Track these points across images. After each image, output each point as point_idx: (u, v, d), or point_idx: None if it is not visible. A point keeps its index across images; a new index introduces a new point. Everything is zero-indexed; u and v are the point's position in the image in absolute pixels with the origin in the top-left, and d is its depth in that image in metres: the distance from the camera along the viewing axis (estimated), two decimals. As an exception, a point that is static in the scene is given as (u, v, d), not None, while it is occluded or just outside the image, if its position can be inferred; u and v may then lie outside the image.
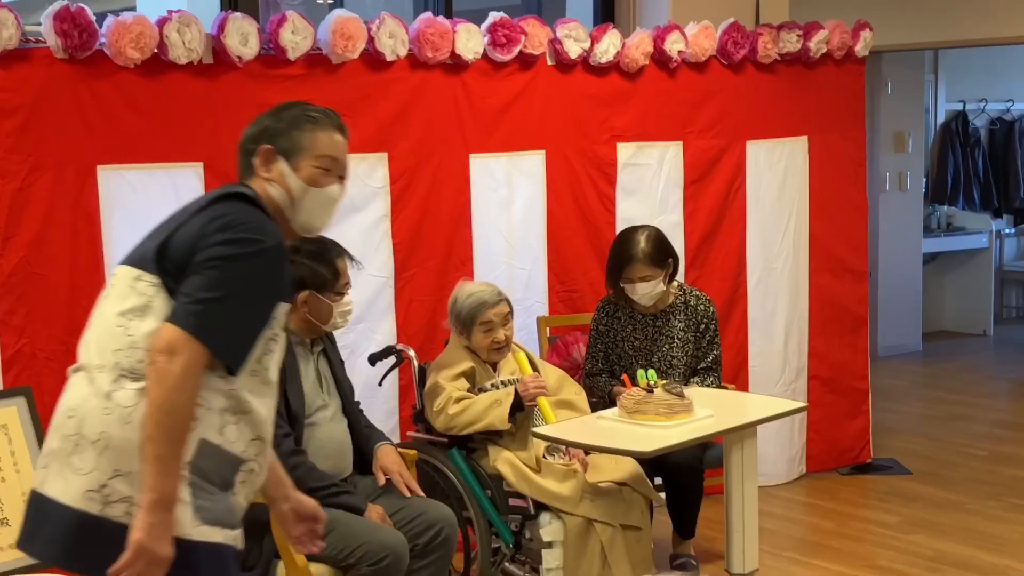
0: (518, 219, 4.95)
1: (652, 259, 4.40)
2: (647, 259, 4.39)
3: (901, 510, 5.29)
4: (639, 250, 4.39)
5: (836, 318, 5.76)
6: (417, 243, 4.68)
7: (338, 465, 3.65)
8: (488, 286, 4.16)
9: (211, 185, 4.20)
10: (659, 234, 4.50)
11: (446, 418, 3.97)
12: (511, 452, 3.98)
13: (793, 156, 5.58)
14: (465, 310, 4.07)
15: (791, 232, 5.59)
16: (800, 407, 4.27)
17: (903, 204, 8.68)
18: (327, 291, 3.59)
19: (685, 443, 3.63)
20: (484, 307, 4.06)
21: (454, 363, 4.08)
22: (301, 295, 3.55)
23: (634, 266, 4.40)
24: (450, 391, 3.99)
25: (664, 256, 4.44)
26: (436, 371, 4.09)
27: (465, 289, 4.14)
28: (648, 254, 4.39)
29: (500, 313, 4.09)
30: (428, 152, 4.68)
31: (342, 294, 3.63)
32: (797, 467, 5.73)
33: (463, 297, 4.10)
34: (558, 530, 3.85)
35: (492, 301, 4.08)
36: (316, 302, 3.58)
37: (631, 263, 4.40)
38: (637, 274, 4.39)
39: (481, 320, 4.06)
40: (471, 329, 4.08)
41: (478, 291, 4.11)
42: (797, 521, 5.24)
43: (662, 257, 4.43)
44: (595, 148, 5.10)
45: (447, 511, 3.66)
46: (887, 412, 6.87)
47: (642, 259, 4.39)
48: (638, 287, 4.41)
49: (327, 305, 3.59)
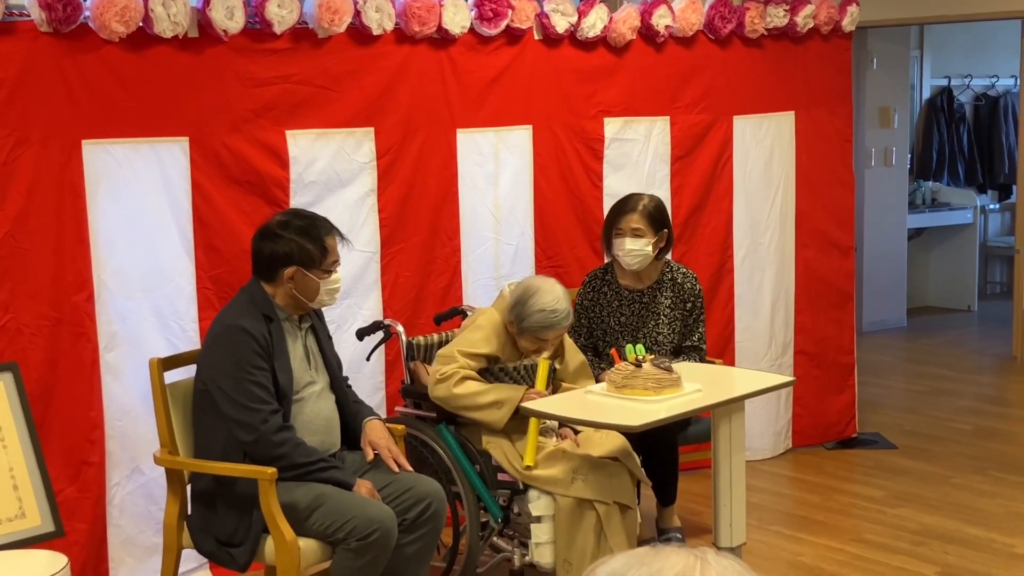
0: (505, 194, 4.95)
1: (650, 217, 4.44)
2: (645, 214, 4.43)
3: (886, 484, 5.33)
4: (640, 204, 4.45)
5: (822, 293, 5.78)
6: (403, 218, 4.67)
7: (326, 441, 3.66)
8: (563, 302, 3.99)
9: (197, 160, 4.20)
10: (662, 203, 4.56)
11: (446, 390, 3.94)
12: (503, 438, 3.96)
13: (780, 131, 5.58)
14: (532, 320, 3.96)
15: (778, 207, 5.60)
16: (788, 381, 4.29)
17: (888, 180, 8.70)
18: (314, 268, 3.57)
19: (673, 417, 3.64)
20: (549, 330, 3.99)
21: (482, 342, 4.01)
22: (287, 271, 3.54)
23: (630, 216, 4.43)
24: (462, 365, 3.95)
25: (662, 221, 4.48)
26: (462, 338, 4.03)
27: (542, 299, 3.96)
28: (648, 211, 4.44)
29: (560, 335, 4.07)
30: (415, 127, 4.67)
31: (330, 272, 3.61)
32: (783, 442, 5.76)
33: (536, 307, 3.95)
34: (547, 505, 3.86)
35: (559, 327, 4.00)
36: (303, 279, 3.57)
37: (628, 213, 4.44)
38: (631, 224, 4.42)
39: (540, 337, 4.01)
40: (525, 334, 4.01)
41: (554, 308, 3.95)
42: (783, 495, 5.27)
43: (660, 220, 4.47)
44: (582, 123, 5.09)
45: (436, 486, 3.67)
46: (872, 387, 6.90)
47: (640, 211, 4.43)
48: (627, 242, 4.42)
49: (314, 282, 3.58)
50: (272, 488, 3.38)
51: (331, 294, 3.65)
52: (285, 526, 3.38)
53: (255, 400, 3.43)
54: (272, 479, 3.37)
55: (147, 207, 4.15)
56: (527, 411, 3.80)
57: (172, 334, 4.20)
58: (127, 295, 4.12)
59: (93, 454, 4.04)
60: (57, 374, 3.96)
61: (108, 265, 4.07)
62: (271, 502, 3.37)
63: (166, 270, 4.20)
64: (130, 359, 4.08)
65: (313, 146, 4.43)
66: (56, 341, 3.96)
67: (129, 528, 4.13)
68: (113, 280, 4.08)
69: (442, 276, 4.80)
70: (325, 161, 4.46)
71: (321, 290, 3.60)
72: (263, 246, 3.58)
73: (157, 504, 4.03)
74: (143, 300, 4.15)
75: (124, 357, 4.09)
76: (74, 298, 3.99)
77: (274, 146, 4.34)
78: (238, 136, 4.27)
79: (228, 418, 3.46)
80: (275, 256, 3.55)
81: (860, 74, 8.11)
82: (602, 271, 4.65)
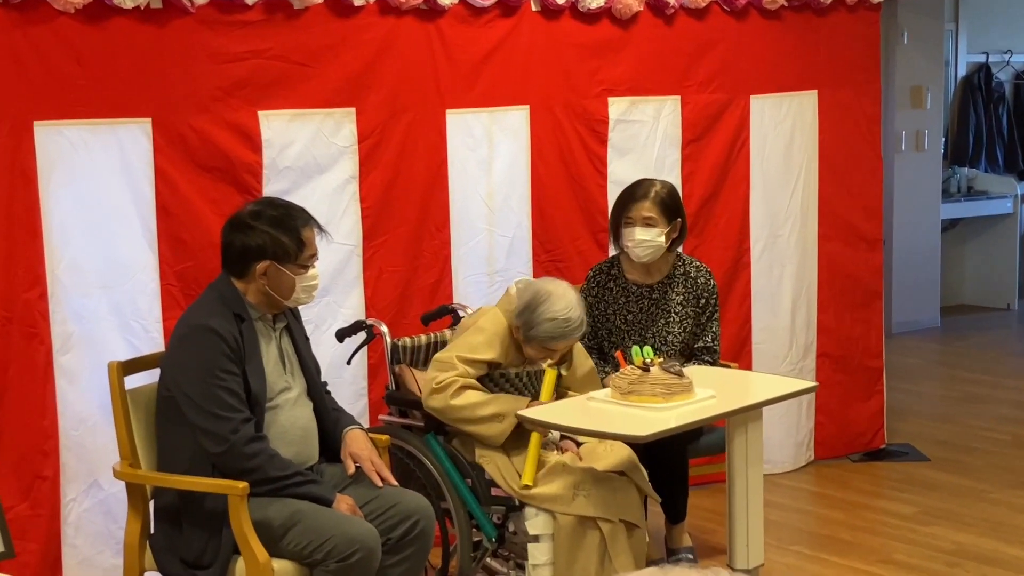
0: (499, 181, 4.94)
1: (663, 204, 4.44)
2: (658, 201, 4.44)
3: (918, 500, 5.32)
4: (652, 191, 4.46)
5: (848, 290, 5.78)
6: (388, 207, 4.66)
7: (303, 452, 3.66)
8: (579, 309, 3.98)
9: (160, 144, 4.19)
10: (676, 190, 4.56)
11: (442, 400, 3.93)
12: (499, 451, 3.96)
13: (801, 112, 5.57)
14: (542, 330, 3.95)
15: (799, 196, 5.60)
16: (810, 387, 4.30)
17: (920, 165, 8.69)
18: (290, 262, 3.56)
19: (684, 426, 3.64)
20: (559, 340, 3.99)
21: (484, 347, 4.00)
22: (260, 265, 3.53)
23: (641, 204, 4.44)
24: (461, 373, 3.93)
25: (675, 210, 4.49)
26: (461, 342, 4.02)
27: (553, 306, 3.95)
28: (661, 198, 4.45)
29: (571, 344, 4.07)
30: (400, 107, 4.66)
31: (307, 267, 3.61)
32: (805, 453, 5.75)
33: (546, 315, 3.94)
34: (546, 523, 3.86)
35: (571, 337, 4.00)
36: (277, 274, 3.56)
37: (639, 200, 4.44)
38: (642, 213, 4.42)
39: (549, 346, 4.01)
40: (533, 343, 4.01)
41: (567, 317, 3.94)
42: (805, 512, 5.27)
43: (673, 209, 4.48)
44: (584, 103, 5.08)
45: (423, 502, 3.66)
46: (903, 393, 6.90)
47: (652, 198, 4.44)
48: (637, 232, 4.42)
49: (289, 278, 3.57)
50: (243, 504, 3.37)
51: (308, 291, 3.65)
52: (258, 546, 3.37)
53: (225, 408, 3.42)
54: (243, 494, 3.37)
55: (106, 195, 4.13)
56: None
57: (133, 335, 4.19)
58: (84, 292, 4.11)
59: (46, 467, 4.03)
60: (7, 379, 3.95)
61: (63, 259, 4.06)
62: (242, 520, 3.37)
63: (127, 264, 4.19)
64: (87, 362, 4.07)
65: (288, 128, 4.42)
66: (5, 342, 3.95)
67: (86, 548, 4.12)
68: (68, 275, 4.07)
69: (430, 271, 4.79)
70: (301, 145, 4.45)
71: (297, 287, 3.59)
72: (233, 238, 3.58)
73: (117, 522, 4.02)
74: (101, 297, 4.14)
75: (80, 360, 4.08)
76: (25, 295, 3.98)
77: (245, 128, 4.33)
78: (206, 117, 4.25)
79: (195, 427, 3.45)
80: (246, 249, 3.54)
81: (889, 50, 8.11)
82: (607, 265, 4.65)
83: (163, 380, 3.58)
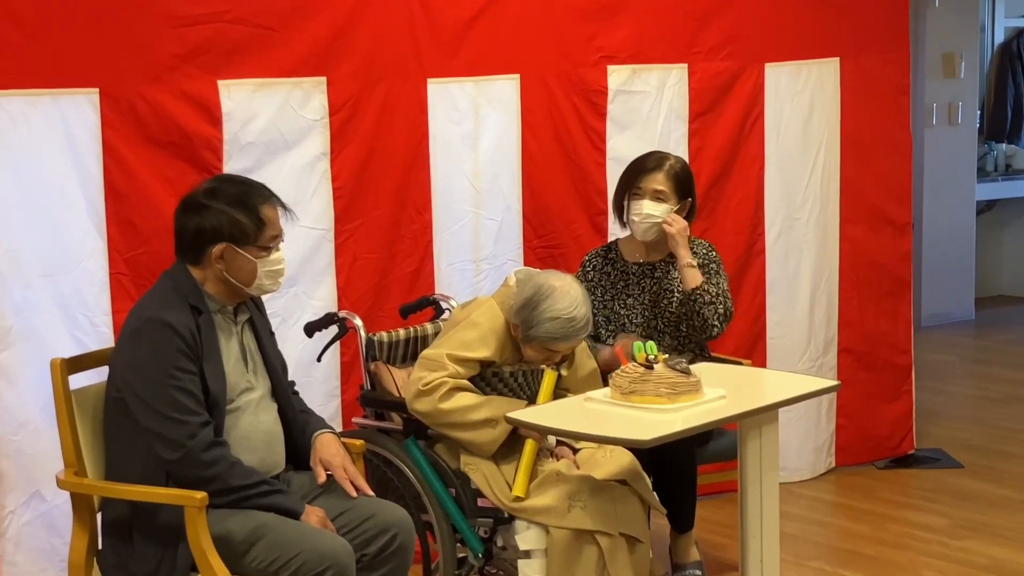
0: (487, 159, 4.95)
1: (677, 179, 4.51)
2: (672, 175, 4.50)
3: (950, 511, 5.34)
4: (667, 163, 4.52)
5: (873, 279, 5.80)
6: (363, 188, 4.67)
7: (268, 459, 3.65)
8: (582, 307, 3.96)
9: (109, 117, 4.18)
10: (689, 167, 4.62)
11: (430, 403, 3.92)
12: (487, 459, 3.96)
13: (821, 82, 5.59)
14: (543, 329, 3.94)
15: (818, 175, 5.62)
16: (830, 386, 4.28)
17: (953, 141, 8.71)
18: (248, 244, 3.55)
19: (692, 429, 3.63)
20: (563, 341, 3.98)
21: (478, 344, 3.99)
22: (216, 248, 3.52)
23: (654, 175, 4.49)
24: (451, 373, 3.93)
25: (687, 188, 4.55)
26: (452, 338, 4.02)
27: (556, 303, 3.92)
28: (676, 172, 4.51)
29: (575, 345, 4.07)
30: (376, 76, 4.66)
31: (269, 249, 3.60)
32: (825, 460, 5.78)
33: (548, 314, 3.92)
34: (538, 537, 3.86)
35: (575, 338, 3.99)
36: (235, 258, 3.54)
37: (652, 171, 4.50)
38: (653, 185, 4.47)
39: (551, 348, 4.01)
40: (532, 342, 4.00)
41: (571, 316, 3.92)
42: (825, 525, 5.29)
43: (686, 186, 4.54)
44: (581, 72, 5.09)
45: (402, 514, 3.66)
46: (933, 393, 6.93)
47: (666, 171, 4.50)
48: (646, 205, 4.46)
49: (249, 262, 3.56)
50: (202, 517, 3.36)
51: (272, 277, 3.63)
52: (218, 563, 3.37)
53: (180, 410, 3.41)
54: (202, 506, 3.36)
55: (48, 174, 4.13)
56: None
57: (79, 329, 4.19)
58: (24, 282, 4.11)
59: (-17, 476, 4.04)
60: (-62, 378, 3.97)
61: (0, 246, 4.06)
62: (200, 534, 3.36)
63: (72, 251, 4.19)
64: (28, 360, 4.07)
65: (252, 100, 4.42)
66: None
67: (27, 566, 4.12)
68: (6, 264, 4.07)
69: (410, 259, 4.80)
70: (266, 118, 4.46)
71: (259, 272, 3.58)
72: (186, 221, 3.57)
73: (61, 537, 4.02)
74: (43, 288, 4.14)
75: (20, 357, 4.08)
76: (-41, 285, 3.99)
77: (204, 99, 4.33)
78: (160, 87, 4.25)
79: (148, 432, 3.44)
80: (200, 232, 3.53)
81: (919, 13, 8.12)
82: (604, 249, 4.68)
83: (112, 379, 3.57)
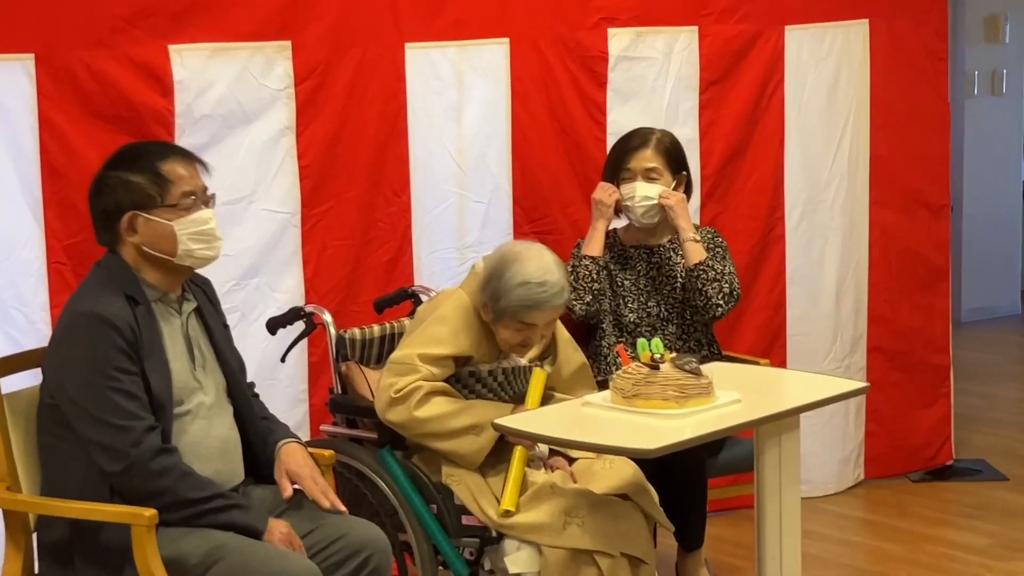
0: (472, 133, 4.95)
1: (667, 153, 4.57)
2: (661, 149, 4.56)
3: (993, 529, 5.34)
4: (652, 137, 4.58)
5: (906, 269, 5.79)
6: (333, 166, 4.67)
7: (223, 470, 3.62)
8: (553, 272, 3.96)
9: (46, 86, 4.18)
10: (677, 139, 4.66)
11: (404, 412, 3.91)
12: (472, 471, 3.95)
13: (849, 47, 5.58)
14: (513, 298, 3.93)
15: (845, 152, 5.61)
16: (860, 388, 4.28)
17: (996, 113, 8.72)
18: (155, 206, 3.47)
19: (702, 437, 3.61)
20: (535, 310, 3.95)
21: (449, 339, 3.99)
22: (123, 220, 3.46)
23: (641, 153, 4.56)
24: (425, 376, 3.92)
25: (680, 160, 4.61)
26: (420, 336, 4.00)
27: (521, 269, 3.93)
28: (665, 145, 4.57)
29: (551, 318, 4.04)
30: (347, 40, 4.66)
31: (188, 209, 3.50)
32: (852, 472, 5.78)
33: (516, 279, 3.93)
34: (530, 559, 3.85)
35: (549, 305, 3.97)
36: (147, 226, 3.47)
37: (638, 149, 4.56)
38: (643, 164, 4.54)
39: (523, 320, 3.98)
40: (503, 320, 3.98)
41: (542, 280, 3.92)
42: (852, 545, 5.29)
43: (677, 159, 4.60)
44: (578, 36, 5.08)
45: (376, 533, 3.64)
46: (974, 397, 6.95)
47: (654, 146, 4.56)
48: (639, 187, 4.52)
49: (164, 227, 3.47)
50: (151, 537, 3.34)
51: (201, 240, 3.53)
52: (168, 589, 3.35)
53: (122, 415, 3.38)
54: (151, 524, 3.33)
55: (-24, 151, 4.13)
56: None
57: (13, 326, 4.20)
58: (-50, 273, 4.10)
59: (-97, 491, 3.99)
60: None
61: (-77, 231, 4.06)
62: (149, 556, 3.33)
63: (4, 239, 4.19)
64: (-45, 360, 4.04)
65: (207, 67, 4.41)
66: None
67: (-46, 593, 4.09)
68: (-70, 252, 4.07)
69: (386, 246, 4.80)
70: (223, 87, 4.45)
71: (179, 236, 3.50)
72: (94, 204, 3.54)
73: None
74: (-28, 279, 4.13)
75: (-54, 358, 4.05)
76: None
77: (153, 66, 4.32)
78: (103, 52, 4.24)
79: (87, 441, 3.42)
80: (105, 211, 3.49)
81: (958, -29, 8.12)
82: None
83: (45, 385, 3.55)
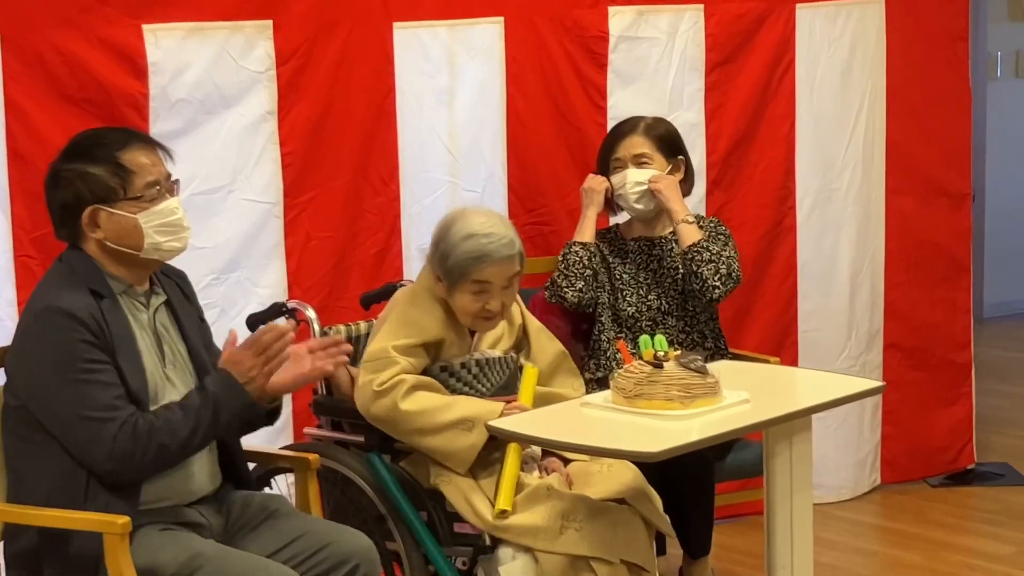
0: (465, 118, 4.96)
1: (658, 138, 4.58)
2: (651, 134, 4.59)
3: (1017, 536, 5.35)
4: (642, 123, 4.60)
5: (925, 262, 5.80)
6: (317, 153, 4.68)
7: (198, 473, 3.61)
8: (500, 225, 4.01)
9: (11, 68, 4.17)
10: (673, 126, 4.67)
11: (389, 406, 3.91)
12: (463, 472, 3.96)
13: (863, 26, 5.59)
14: (460, 253, 3.95)
15: (860, 137, 5.62)
16: (876, 387, 4.28)
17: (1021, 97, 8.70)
18: (118, 199, 3.46)
19: (709, 440, 3.63)
20: (484, 262, 3.96)
21: (418, 324, 4.01)
22: (84, 215, 3.46)
23: (631, 139, 4.59)
24: (405, 368, 3.92)
25: (674, 145, 4.62)
26: (390, 330, 4.01)
27: (466, 224, 3.98)
28: (657, 133, 4.59)
29: (505, 274, 4.01)
30: (332, 19, 4.66)
31: (153, 200, 3.50)
32: (868, 476, 5.79)
33: (459, 235, 3.96)
34: (525, 567, 3.85)
35: (498, 255, 3.97)
36: (110, 221, 3.46)
37: (627, 135, 4.60)
38: (632, 150, 4.57)
39: (475, 278, 3.98)
40: (457, 285, 3.99)
41: (482, 232, 3.96)
42: (868, 553, 5.30)
43: (670, 143, 4.61)
44: (576, 14, 5.09)
45: (363, 541, 3.64)
46: (997, 397, 6.94)
47: (643, 131, 4.59)
48: (630, 174, 4.54)
49: (128, 220, 3.46)
50: (124, 546, 3.33)
51: (168, 232, 3.52)
52: (144, 601, 3.37)
53: (100, 407, 3.34)
54: (124, 532, 3.31)
55: (-61, 137, 4.12)
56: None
57: (-22, 323, 4.18)
58: (-89, 267, 4.10)
59: None
60: None
61: None
62: (123, 566, 3.32)
63: (-32, 230, 4.18)
64: (-84, 360, 4.06)
65: (183, 47, 4.41)
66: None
67: (-84, 606, 4.11)
68: None
69: (373, 238, 4.82)
70: (201, 69, 4.45)
71: (145, 229, 3.50)
72: (50, 197, 3.51)
73: (-43, 571, 4.01)
74: (-66, 274, 4.14)
75: (-93, 357, 4.07)
76: None
77: (125, 47, 4.32)
78: (72, 33, 4.24)
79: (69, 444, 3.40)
80: (64, 205, 3.49)
81: (980, -56, 8.12)
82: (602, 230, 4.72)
83: (9, 387, 3.52)
